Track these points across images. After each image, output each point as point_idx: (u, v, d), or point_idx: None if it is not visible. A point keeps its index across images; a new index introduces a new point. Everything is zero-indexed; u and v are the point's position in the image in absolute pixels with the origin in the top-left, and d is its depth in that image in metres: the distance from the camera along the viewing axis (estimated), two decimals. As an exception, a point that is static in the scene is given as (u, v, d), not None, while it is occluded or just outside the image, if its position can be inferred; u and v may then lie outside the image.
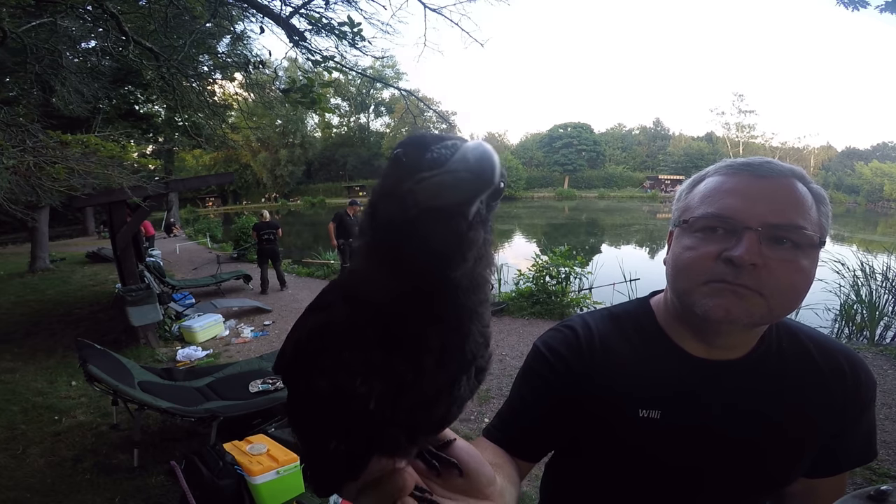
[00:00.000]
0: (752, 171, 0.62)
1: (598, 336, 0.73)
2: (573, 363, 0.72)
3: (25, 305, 7.37)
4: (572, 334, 0.74)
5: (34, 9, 3.02)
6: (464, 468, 0.40)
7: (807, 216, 0.59)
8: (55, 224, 16.33)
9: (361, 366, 0.30)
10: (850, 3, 2.77)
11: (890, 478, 2.47)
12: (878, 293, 5.43)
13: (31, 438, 3.23)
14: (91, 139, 3.29)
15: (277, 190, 43.08)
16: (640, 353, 0.71)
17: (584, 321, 0.77)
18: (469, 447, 0.41)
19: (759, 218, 0.58)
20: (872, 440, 0.71)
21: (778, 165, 0.62)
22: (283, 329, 5.73)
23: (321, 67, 3.36)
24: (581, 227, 22.62)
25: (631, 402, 0.68)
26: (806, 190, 0.61)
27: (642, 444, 0.67)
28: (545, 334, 0.79)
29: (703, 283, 0.61)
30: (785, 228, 0.58)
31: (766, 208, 0.59)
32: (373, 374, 0.30)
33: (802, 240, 0.58)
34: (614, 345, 0.72)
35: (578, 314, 0.86)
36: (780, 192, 0.60)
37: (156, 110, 14.81)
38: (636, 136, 58.55)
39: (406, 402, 0.31)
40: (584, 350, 0.72)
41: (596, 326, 0.75)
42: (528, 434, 0.74)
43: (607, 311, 0.79)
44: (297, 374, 0.35)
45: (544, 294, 6.06)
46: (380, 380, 0.30)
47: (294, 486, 2.40)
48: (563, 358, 0.72)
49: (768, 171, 0.61)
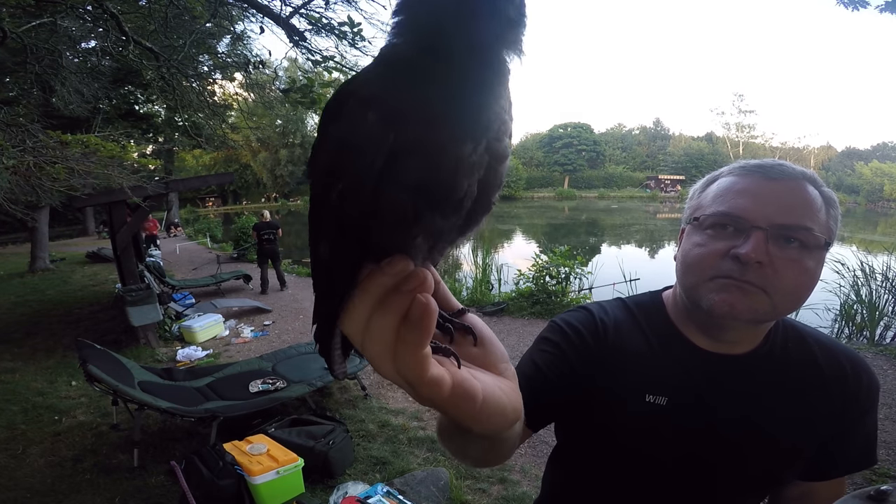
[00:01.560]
0: (764, 172, 0.64)
1: (613, 320, 0.76)
2: (589, 340, 0.74)
3: (25, 305, 7.38)
4: (589, 315, 0.77)
5: (34, 9, 3.03)
6: (478, 336, 0.38)
7: (815, 218, 0.61)
8: (55, 224, 16.35)
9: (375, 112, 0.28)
10: (850, 3, 2.76)
11: (890, 478, 2.47)
12: (878, 293, 5.43)
13: (31, 438, 3.23)
14: (91, 139, 3.29)
15: (277, 190, 43.05)
16: (650, 341, 0.73)
17: (600, 306, 0.80)
18: (482, 322, 0.39)
19: (768, 218, 0.60)
20: (872, 446, 0.71)
21: (790, 168, 0.64)
22: (283, 329, 5.73)
23: (321, 67, 3.36)
24: (581, 227, 22.62)
25: (639, 386, 0.69)
26: (816, 193, 0.63)
27: (646, 428, 0.68)
28: (563, 313, 0.81)
29: (709, 279, 0.63)
30: (792, 229, 0.60)
31: (775, 209, 0.61)
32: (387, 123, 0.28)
33: (810, 240, 0.60)
34: (626, 331, 0.74)
35: (594, 301, 0.88)
36: (790, 193, 0.62)
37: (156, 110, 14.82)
38: (636, 136, 58.57)
39: (415, 163, 0.28)
40: (600, 330, 0.74)
41: (612, 311, 0.78)
42: (535, 398, 0.73)
43: (621, 301, 0.81)
44: (317, 146, 0.32)
45: (544, 294, 6.06)
46: (391, 129, 0.27)
47: (294, 486, 2.40)
48: (581, 334, 0.74)
49: (779, 173, 0.63)
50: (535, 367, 0.75)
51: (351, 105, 0.29)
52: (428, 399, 0.31)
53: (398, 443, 3.05)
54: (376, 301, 0.30)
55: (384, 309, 0.29)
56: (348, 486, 2.39)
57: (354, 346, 0.32)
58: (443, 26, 0.27)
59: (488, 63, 0.28)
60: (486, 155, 0.31)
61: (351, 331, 0.31)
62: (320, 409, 3.35)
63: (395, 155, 0.28)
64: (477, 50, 0.28)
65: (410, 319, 0.29)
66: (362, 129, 0.28)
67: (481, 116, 0.29)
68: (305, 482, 2.47)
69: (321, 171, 0.32)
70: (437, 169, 0.28)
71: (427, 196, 0.29)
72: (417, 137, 0.28)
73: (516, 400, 0.39)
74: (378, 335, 0.29)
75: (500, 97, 0.30)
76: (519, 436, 0.55)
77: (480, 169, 0.31)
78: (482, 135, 0.30)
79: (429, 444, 3.04)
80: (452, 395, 0.31)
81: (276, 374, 3.54)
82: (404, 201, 0.29)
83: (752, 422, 0.66)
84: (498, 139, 0.31)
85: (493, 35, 0.28)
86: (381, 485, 2.31)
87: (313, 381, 3.34)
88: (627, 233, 19.63)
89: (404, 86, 0.28)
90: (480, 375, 0.35)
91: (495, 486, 2.63)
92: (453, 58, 0.27)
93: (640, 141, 57.25)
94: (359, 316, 0.30)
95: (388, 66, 0.30)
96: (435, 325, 0.29)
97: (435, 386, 0.30)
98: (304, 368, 3.63)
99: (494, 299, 6.56)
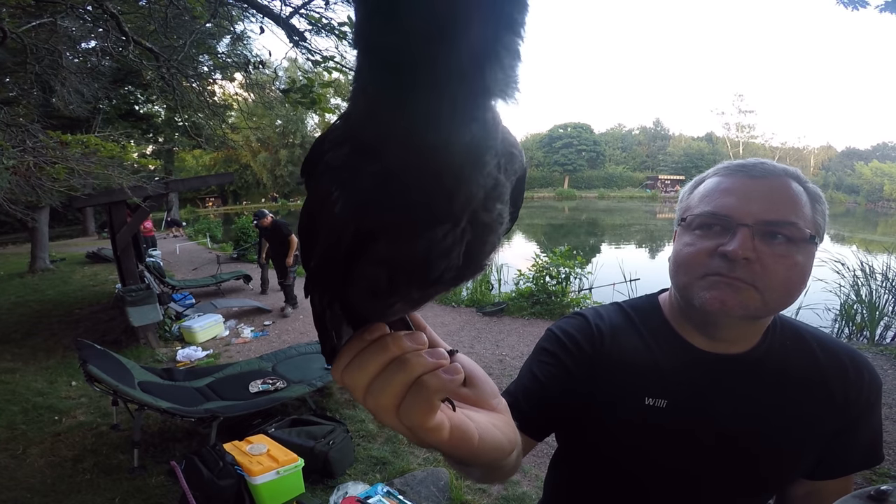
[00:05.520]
0: (747, 171, 0.65)
1: (609, 325, 0.77)
2: (585, 347, 0.74)
3: (25, 306, 7.37)
4: (585, 321, 0.78)
5: (34, 9, 3.03)
6: (468, 377, 0.39)
7: (800, 213, 0.62)
8: (55, 224, 16.36)
9: (340, 173, 0.26)
10: (849, 3, 2.76)
11: (890, 478, 2.47)
12: (878, 293, 5.42)
13: (32, 438, 3.23)
14: (91, 139, 3.29)
15: (277, 190, 43.05)
16: (647, 343, 0.73)
17: (595, 311, 0.80)
18: (471, 361, 0.41)
19: (753, 215, 0.62)
20: (878, 444, 0.71)
21: (771, 166, 0.65)
22: (283, 329, 5.73)
23: (321, 67, 3.36)
24: (581, 227, 22.61)
25: (638, 389, 0.70)
26: (801, 189, 0.64)
27: (647, 431, 0.68)
28: (559, 320, 0.82)
29: (700, 277, 0.65)
30: (778, 224, 0.61)
31: (759, 206, 0.62)
32: (349, 187, 0.25)
33: (796, 235, 0.61)
34: (624, 334, 0.75)
35: (591, 306, 0.88)
36: (774, 190, 0.63)
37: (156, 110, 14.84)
38: (636, 136, 58.53)
39: (381, 247, 0.27)
40: (596, 336, 0.75)
41: (608, 316, 0.79)
42: (536, 408, 0.75)
43: (618, 305, 0.82)
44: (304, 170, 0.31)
45: (544, 294, 6.06)
46: (353, 193, 0.25)
47: (294, 486, 2.40)
48: (576, 341, 0.75)
49: (761, 171, 0.64)
50: (534, 378, 0.76)
51: (320, 172, 0.27)
52: (428, 443, 0.32)
53: (398, 443, 3.05)
54: (387, 361, 0.31)
55: (399, 369, 0.30)
56: (348, 487, 2.39)
57: (354, 397, 0.33)
58: (414, 91, 0.20)
59: (465, 126, 0.22)
60: (468, 231, 0.27)
61: (351, 385, 0.32)
62: (320, 410, 3.34)
63: (361, 236, 0.26)
64: (455, 119, 0.21)
65: (427, 385, 0.30)
66: (326, 208, 0.26)
67: (458, 195, 0.25)
68: (305, 482, 2.47)
69: (301, 231, 0.31)
70: (407, 252, 0.27)
71: (400, 272, 0.28)
72: (381, 223, 0.26)
73: (511, 433, 0.41)
74: (389, 391, 0.30)
75: (485, 164, 0.25)
76: (519, 457, 0.55)
77: (462, 244, 0.28)
78: (461, 211, 0.26)
79: (429, 444, 3.04)
80: (451, 439, 0.33)
81: (276, 375, 3.54)
82: (377, 276, 0.28)
83: (753, 420, 0.66)
84: (487, 208, 0.27)
85: (478, 89, 0.21)
86: (381, 485, 2.31)
87: (313, 381, 3.34)
88: (627, 233, 19.61)
89: (368, 157, 0.24)
90: (474, 415, 0.37)
91: (495, 486, 2.63)
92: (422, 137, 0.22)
93: (640, 141, 57.21)
94: (362, 376, 0.31)
95: (352, 130, 0.26)
96: (454, 388, 0.30)
97: (436, 432, 0.31)
98: (304, 368, 3.63)
99: (494, 299, 6.55)
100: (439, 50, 0.19)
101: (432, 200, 0.24)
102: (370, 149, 0.24)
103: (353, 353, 0.32)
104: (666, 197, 41.53)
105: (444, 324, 5.70)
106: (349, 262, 0.28)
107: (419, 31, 0.19)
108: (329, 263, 0.29)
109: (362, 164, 0.24)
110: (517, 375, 0.81)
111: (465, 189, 0.25)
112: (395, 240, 0.26)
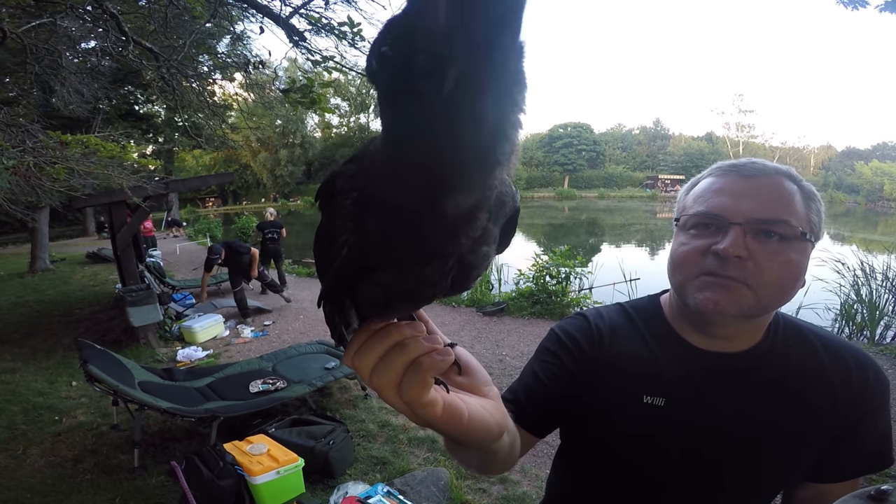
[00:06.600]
0: (738, 171, 0.66)
1: (609, 325, 0.78)
2: (585, 346, 0.76)
3: (25, 306, 7.37)
4: (586, 321, 0.79)
5: (34, 9, 3.03)
6: (462, 366, 0.45)
7: (793, 211, 0.62)
8: (55, 224, 16.36)
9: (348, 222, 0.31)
10: (849, 3, 2.76)
11: (890, 478, 2.47)
12: (878, 293, 5.41)
13: (32, 439, 3.23)
14: (91, 139, 3.29)
15: (277, 190, 43.02)
16: (647, 343, 0.74)
17: (597, 311, 0.82)
18: (466, 352, 0.47)
19: (745, 214, 0.62)
20: (886, 446, 0.69)
21: (763, 164, 0.66)
22: (283, 329, 5.73)
23: (321, 67, 3.36)
24: (581, 226, 22.60)
25: (636, 388, 0.70)
26: (794, 187, 0.64)
27: (646, 429, 0.69)
28: (561, 321, 0.84)
29: (694, 277, 0.65)
30: (770, 223, 0.61)
31: (751, 205, 0.62)
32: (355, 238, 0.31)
33: (789, 233, 0.61)
34: (624, 334, 0.76)
35: (594, 306, 0.90)
36: (766, 189, 0.63)
37: (156, 110, 14.84)
38: (636, 135, 58.49)
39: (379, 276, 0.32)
40: (596, 335, 0.76)
41: (609, 316, 0.80)
42: (538, 407, 0.76)
43: (620, 305, 0.83)
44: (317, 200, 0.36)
45: (544, 294, 6.06)
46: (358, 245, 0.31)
47: (294, 486, 2.40)
48: (577, 341, 0.76)
49: (752, 170, 0.65)
50: (536, 377, 0.77)
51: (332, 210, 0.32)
52: (423, 419, 0.37)
53: (398, 443, 3.05)
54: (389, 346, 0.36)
55: (400, 351, 0.35)
56: (349, 486, 2.39)
57: (360, 378, 0.40)
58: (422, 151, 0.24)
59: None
60: (455, 268, 0.32)
61: (359, 366, 0.37)
62: (320, 409, 3.35)
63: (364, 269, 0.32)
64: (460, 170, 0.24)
65: (423, 364, 0.35)
66: (337, 247, 0.32)
67: (448, 245, 0.29)
68: (306, 482, 2.47)
69: (317, 253, 0.37)
70: (401, 282, 0.32)
71: (395, 293, 0.33)
72: (381, 262, 0.31)
73: (500, 416, 0.45)
74: (391, 371, 0.35)
75: (477, 220, 0.29)
76: (511, 447, 0.58)
77: (447, 278, 0.32)
78: (449, 256, 0.30)
79: (429, 444, 3.04)
80: (444, 414, 0.38)
81: (277, 375, 3.54)
82: (376, 294, 0.34)
83: (753, 420, 0.65)
84: (473, 251, 0.32)
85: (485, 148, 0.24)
86: (381, 485, 2.31)
87: (313, 381, 3.34)
88: (627, 232, 19.60)
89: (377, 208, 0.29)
90: (466, 398, 0.42)
91: (495, 486, 2.63)
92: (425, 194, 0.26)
93: (640, 141, 57.17)
94: (369, 359, 0.36)
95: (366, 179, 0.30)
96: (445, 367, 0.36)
97: (430, 407, 0.36)
98: (305, 368, 3.63)
99: (494, 299, 6.55)
100: (464, 140, 0.22)
101: (426, 249, 0.29)
102: (380, 201, 0.28)
103: (361, 340, 0.37)
104: (666, 197, 41.52)
105: (445, 324, 5.70)
106: (354, 283, 0.34)
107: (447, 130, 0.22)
108: (339, 283, 0.35)
109: (370, 213, 0.29)
110: (519, 375, 0.82)
111: (455, 241, 0.29)
112: (391, 273, 0.32)
